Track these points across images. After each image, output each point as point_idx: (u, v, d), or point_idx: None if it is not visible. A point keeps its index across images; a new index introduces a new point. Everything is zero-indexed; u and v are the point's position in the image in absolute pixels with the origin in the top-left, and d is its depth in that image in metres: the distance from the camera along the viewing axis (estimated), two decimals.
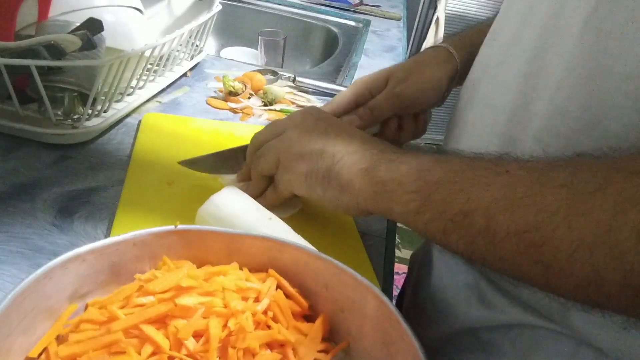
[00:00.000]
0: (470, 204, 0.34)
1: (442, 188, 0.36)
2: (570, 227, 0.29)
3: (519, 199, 0.32)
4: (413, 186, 0.38)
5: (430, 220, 0.37)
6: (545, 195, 0.31)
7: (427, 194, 0.37)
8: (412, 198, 0.37)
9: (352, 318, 0.35)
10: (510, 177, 0.33)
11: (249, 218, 0.44)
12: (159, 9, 0.85)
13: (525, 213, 0.31)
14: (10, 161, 0.55)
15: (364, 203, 0.41)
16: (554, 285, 0.32)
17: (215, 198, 0.46)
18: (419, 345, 0.30)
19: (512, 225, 0.32)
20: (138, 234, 0.35)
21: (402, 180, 0.38)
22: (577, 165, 0.32)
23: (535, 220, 0.31)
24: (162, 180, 0.54)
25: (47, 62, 0.53)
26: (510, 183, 0.33)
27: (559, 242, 0.30)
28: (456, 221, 0.35)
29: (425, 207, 0.37)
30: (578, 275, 0.29)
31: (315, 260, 0.36)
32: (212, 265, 0.37)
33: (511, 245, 0.32)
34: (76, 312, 0.33)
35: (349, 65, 1.05)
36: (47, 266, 0.31)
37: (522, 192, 0.32)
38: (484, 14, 2.62)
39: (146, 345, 0.30)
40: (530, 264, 0.32)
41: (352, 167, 0.42)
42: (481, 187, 0.34)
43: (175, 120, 0.68)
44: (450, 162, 0.38)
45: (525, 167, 0.34)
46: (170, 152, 0.60)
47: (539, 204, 0.31)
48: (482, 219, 0.33)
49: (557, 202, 0.30)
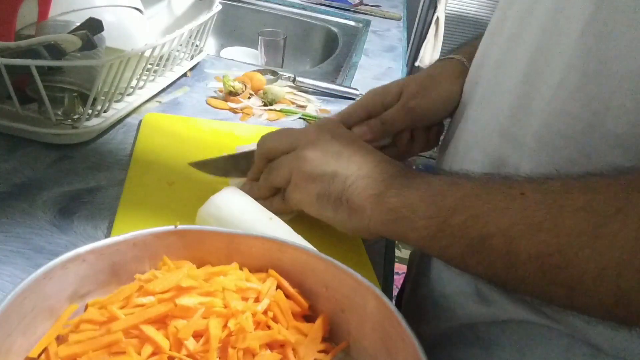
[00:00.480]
0: (489, 229, 0.34)
1: (457, 213, 0.36)
2: (594, 250, 0.30)
3: (539, 222, 0.32)
4: (427, 212, 0.37)
5: (447, 246, 0.37)
6: (565, 219, 0.31)
7: (442, 220, 0.36)
8: (427, 224, 0.37)
9: (352, 318, 0.35)
10: (526, 201, 0.33)
11: (249, 218, 0.44)
12: (159, 9, 0.85)
13: (546, 237, 0.31)
14: (10, 161, 0.55)
15: (376, 228, 0.41)
16: (579, 305, 0.32)
17: (216, 198, 0.46)
18: (419, 346, 0.30)
19: (533, 249, 0.32)
20: (138, 234, 0.35)
21: (415, 206, 0.38)
22: (593, 187, 0.32)
23: (557, 243, 0.31)
24: (163, 180, 0.54)
25: (47, 62, 0.53)
26: (527, 207, 0.33)
27: (584, 265, 0.30)
28: (474, 246, 0.35)
29: (441, 233, 0.37)
30: (604, 297, 0.30)
31: (315, 261, 0.36)
32: (212, 265, 0.37)
33: (533, 268, 0.32)
34: (76, 312, 0.33)
35: (349, 65, 1.05)
36: (47, 266, 0.31)
37: (541, 216, 0.32)
38: (484, 14, 2.62)
39: (146, 346, 0.30)
40: (554, 286, 0.32)
41: (363, 192, 0.42)
42: (498, 211, 0.34)
43: (176, 120, 0.68)
44: (462, 186, 0.37)
45: (541, 190, 0.34)
46: (171, 152, 0.60)
47: (560, 228, 0.31)
48: (502, 243, 0.33)
49: (578, 225, 0.30)
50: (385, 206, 0.40)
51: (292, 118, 0.76)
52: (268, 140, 0.50)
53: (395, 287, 0.72)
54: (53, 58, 0.53)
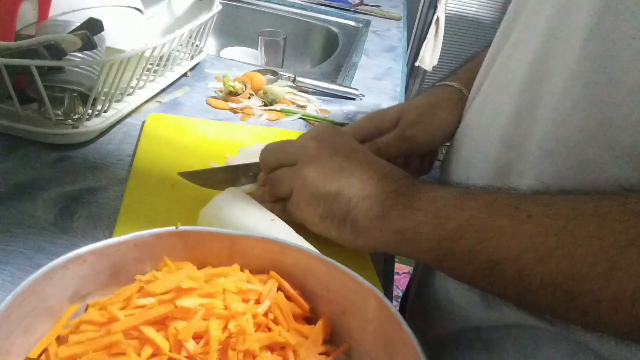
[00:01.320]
0: (499, 254, 0.34)
1: (464, 237, 0.35)
2: (609, 279, 0.30)
3: (550, 250, 0.32)
4: (432, 234, 0.37)
5: (456, 268, 0.37)
6: (577, 248, 0.31)
7: (450, 244, 0.36)
8: (434, 247, 0.37)
9: (354, 321, 0.35)
10: (536, 226, 0.33)
11: (251, 220, 0.44)
12: (159, 9, 0.85)
13: (559, 265, 0.31)
14: (10, 161, 0.55)
15: (382, 248, 0.41)
16: (594, 328, 0.32)
17: (218, 199, 0.46)
18: (420, 349, 0.30)
19: (546, 277, 0.32)
20: (139, 234, 0.35)
21: (420, 229, 0.38)
22: (604, 214, 0.32)
23: (571, 272, 0.31)
24: (165, 181, 0.54)
25: (47, 62, 0.53)
26: (538, 233, 0.33)
27: (598, 294, 0.30)
28: (484, 270, 0.35)
29: (449, 256, 0.36)
30: (619, 323, 0.30)
31: (316, 263, 0.36)
32: (213, 266, 0.37)
33: (546, 293, 0.32)
34: (76, 313, 0.33)
35: (349, 65, 1.05)
36: (48, 267, 0.31)
37: (552, 244, 0.32)
38: (484, 14, 2.62)
39: (146, 347, 0.30)
40: (568, 310, 0.32)
41: (367, 214, 0.41)
42: (507, 237, 0.34)
43: (179, 121, 0.68)
44: (467, 207, 0.37)
45: (549, 215, 0.33)
46: (174, 153, 0.60)
47: (573, 257, 0.31)
48: (513, 269, 0.33)
49: (591, 255, 0.30)
50: (390, 228, 0.39)
51: (292, 118, 0.76)
52: (268, 153, 0.49)
53: (396, 287, 0.72)
54: (53, 58, 0.53)
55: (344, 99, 0.87)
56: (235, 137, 0.66)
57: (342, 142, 0.47)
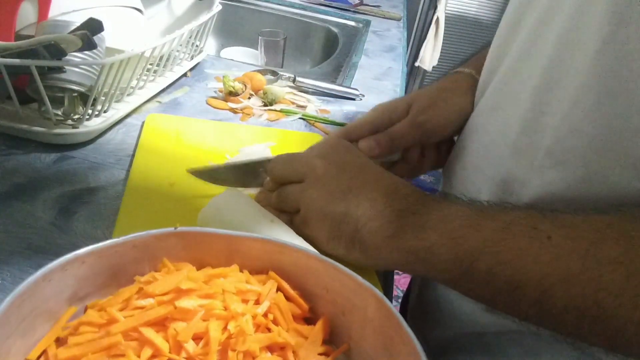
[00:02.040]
0: (519, 277, 0.33)
1: (483, 258, 0.35)
2: (636, 307, 0.29)
3: (575, 275, 0.31)
4: (448, 255, 0.36)
5: (473, 289, 0.36)
6: (602, 273, 0.31)
7: (467, 264, 0.35)
8: (450, 267, 0.36)
9: (353, 321, 0.35)
10: (557, 249, 0.32)
11: (251, 220, 0.44)
12: (159, 9, 0.85)
13: (583, 290, 0.31)
14: (10, 161, 0.55)
15: (394, 267, 0.40)
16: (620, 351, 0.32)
17: (217, 200, 0.46)
18: (421, 349, 0.30)
19: (570, 302, 0.31)
20: (138, 235, 0.35)
21: (435, 249, 0.37)
22: (627, 237, 0.31)
23: (595, 297, 0.30)
24: (165, 180, 0.54)
25: (47, 62, 0.53)
26: (560, 256, 0.32)
27: (624, 322, 0.30)
28: (503, 292, 0.34)
29: (466, 277, 0.36)
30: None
31: (316, 263, 0.36)
32: (212, 267, 0.37)
33: (570, 317, 0.32)
34: (75, 315, 0.33)
35: (349, 65, 1.05)
36: (46, 268, 0.31)
37: (576, 269, 0.31)
38: (484, 13, 2.62)
39: (145, 348, 0.30)
40: (593, 335, 0.32)
41: (377, 234, 0.40)
42: (528, 258, 0.33)
43: (178, 121, 0.68)
44: (483, 227, 0.36)
45: (571, 237, 0.33)
46: (173, 153, 0.60)
47: (598, 282, 0.31)
48: (534, 293, 0.33)
49: (617, 280, 0.30)
50: (403, 248, 0.38)
51: (292, 118, 0.76)
52: (276, 167, 0.48)
53: (396, 287, 0.72)
54: (53, 58, 0.52)
55: (344, 99, 0.87)
56: (234, 138, 0.66)
57: (349, 158, 0.46)
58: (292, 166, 0.47)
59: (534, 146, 0.41)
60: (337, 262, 0.36)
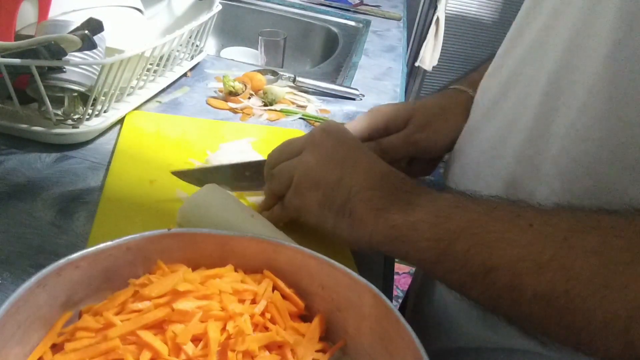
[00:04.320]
0: (493, 260, 0.33)
1: (462, 239, 0.34)
2: (603, 299, 0.29)
3: (547, 261, 0.31)
4: (430, 233, 0.36)
5: (449, 272, 0.36)
6: (574, 261, 0.30)
7: (446, 244, 0.35)
8: (430, 246, 0.36)
9: (349, 317, 0.35)
10: (535, 235, 0.32)
11: (230, 215, 0.44)
12: (159, 9, 0.85)
13: (553, 277, 0.30)
14: (10, 161, 0.55)
15: (377, 243, 0.40)
16: (586, 350, 0.31)
17: (196, 196, 0.46)
18: (419, 342, 0.30)
19: (539, 288, 0.31)
20: (131, 238, 0.35)
21: (418, 226, 0.37)
22: (607, 229, 0.31)
23: (565, 286, 0.30)
24: (145, 178, 0.54)
25: (47, 62, 0.53)
26: (535, 242, 0.32)
27: (592, 313, 0.29)
28: (477, 275, 0.34)
29: (444, 257, 0.35)
30: (612, 345, 0.29)
31: (310, 260, 0.36)
32: (206, 267, 0.37)
33: (539, 307, 0.31)
34: (70, 320, 0.33)
35: (349, 65, 1.05)
36: (40, 274, 0.31)
37: (549, 254, 0.31)
38: (484, 13, 2.62)
39: (144, 352, 0.30)
40: (560, 327, 0.31)
41: (368, 204, 0.40)
42: (505, 242, 0.33)
43: (158, 118, 0.68)
44: (468, 209, 0.36)
45: (551, 224, 0.32)
46: (153, 151, 0.61)
47: (569, 270, 0.30)
48: (507, 277, 0.32)
49: (588, 270, 0.29)
50: (388, 222, 0.38)
51: (292, 118, 0.76)
52: (274, 152, 0.48)
53: (395, 287, 0.72)
54: (53, 58, 0.53)
55: (344, 99, 0.87)
56: (215, 134, 0.67)
57: (347, 136, 0.47)
58: (290, 144, 0.47)
59: (540, 155, 0.39)
60: (331, 259, 0.36)
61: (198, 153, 0.61)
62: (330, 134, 0.46)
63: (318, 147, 0.45)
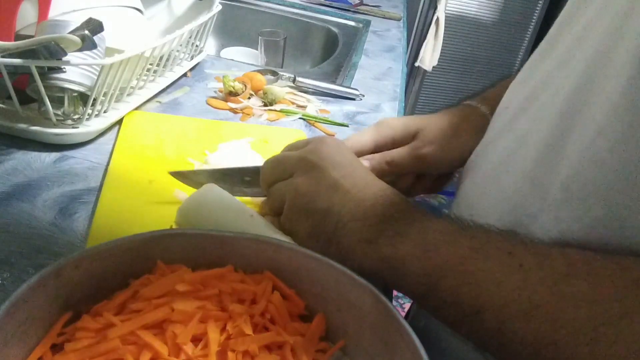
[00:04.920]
0: (481, 301, 0.32)
1: (450, 276, 0.34)
2: (592, 351, 0.28)
3: (535, 307, 0.30)
4: (418, 268, 0.35)
5: (438, 308, 0.35)
6: (564, 309, 0.29)
7: (435, 280, 0.34)
8: (418, 281, 0.35)
9: (349, 317, 0.35)
10: (525, 277, 0.31)
11: (230, 215, 0.44)
12: (159, 9, 0.85)
13: (542, 325, 0.30)
14: (10, 161, 0.55)
15: (367, 272, 0.38)
16: None
17: (196, 196, 0.46)
18: (419, 342, 0.30)
19: (527, 336, 0.30)
20: (131, 238, 0.35)
21: (406, 260, 0.36)
22: (600, 276, 0.30)
23: (554, 336, 0.29)
24: (144, 177, 0.55)
25: (47, 62, 0.53)
26: (525, 286, 0.31)
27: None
28: (466, 315, 0.33)
29: (432, 293, 0.35)
30: None
31: (310, 261, 0.36)
32: (206, 267, 0.37)
33: (527, 353, 0.30)
34: (70, 320, 0.33)
35: (349, 65, 1.05)
36: (40, 274, 0.31)
37: (538, 300, 0.30)
38: (484, 14, 2.61)
39: (144, 352, 0.30)
40: None
41: (354, 236, 0.39)
42: (493, 283, 0.32)
43: (157, 119, 0.68)
44: (458, 244, 0.35)
45: (542, 266, 0.31)
46: (152, 150, 0.61)
47: (558, 319, 0.29)
48: (494, 321, 0.31)
49: (577, 320, 0.29)
50: (376, 255, 0.37)
51: (292, 118, 0.76)
52: (267, 168, 0.48)
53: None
54: (53, 58, 0.53)
55: (344, 99, 0.87)
56: (214, 134, 0.67)
57: (341, 158, 0.45)
58: (282, 163, 0.46)
59: (549, 178, 0.37)
60: (331, 260, 0.36)
61: (197, 153, 0.61)
62: (323, 158, 0.44)
63: (308, 173, 0.43)
